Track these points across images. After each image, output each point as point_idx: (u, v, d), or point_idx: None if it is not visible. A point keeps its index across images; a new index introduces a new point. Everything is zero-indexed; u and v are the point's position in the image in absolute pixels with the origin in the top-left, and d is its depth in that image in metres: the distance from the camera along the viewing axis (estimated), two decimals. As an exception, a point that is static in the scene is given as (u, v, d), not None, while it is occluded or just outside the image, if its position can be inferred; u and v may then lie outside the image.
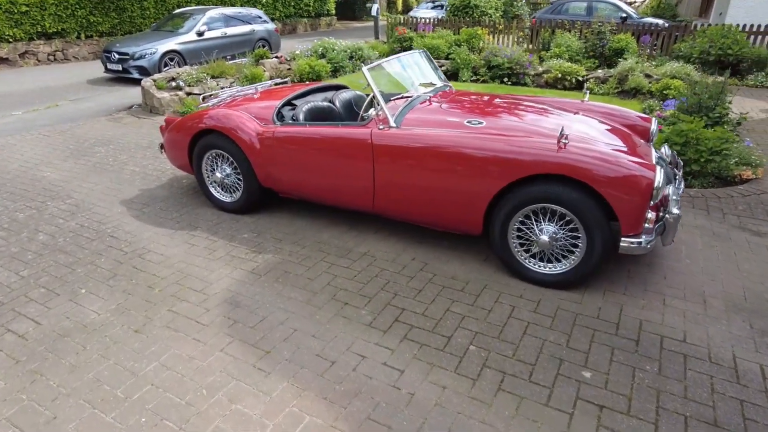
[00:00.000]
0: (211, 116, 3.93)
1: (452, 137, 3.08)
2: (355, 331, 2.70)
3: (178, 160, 4.31)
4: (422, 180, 3.18)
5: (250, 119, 3.85)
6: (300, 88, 4.38)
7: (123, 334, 2.69)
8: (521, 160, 2.84)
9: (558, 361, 2.49)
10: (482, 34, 12.36)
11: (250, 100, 4.22)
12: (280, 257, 3.46)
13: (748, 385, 2.34)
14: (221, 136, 3.91)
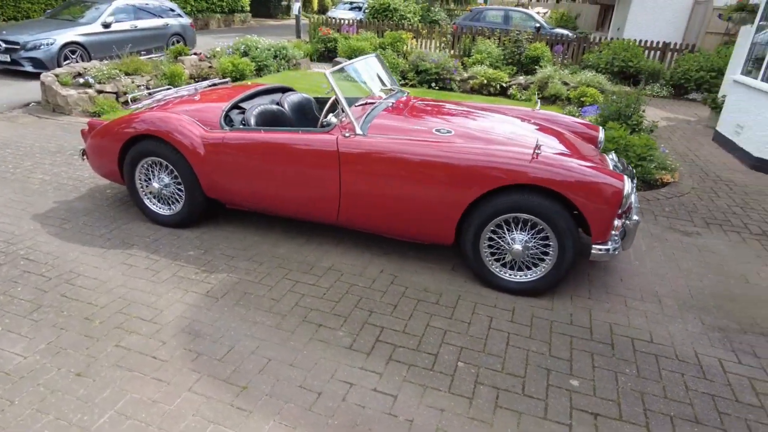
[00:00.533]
0: (147, 120, 3.51)
1: (427, 146, 2.99)
2: (336, 356, 2.51)
3: (105, 169, 3.81)
4: (394, 190, 3.06)
5: (192, 123, 3.49)
6: (245, 90, 4.06)
7: (62, 380, 2.27)
8: (498, 170, 2.83)
9: (545, 371, 2.49)
10: (406, 38, 12.50)
11: (189, 101, 3.83)
12: (236, 276, 3.15)
13: (713, 379, 2.50)
14: (159, 142, 3.50)
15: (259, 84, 4.41)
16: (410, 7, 17.48)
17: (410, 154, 2.99)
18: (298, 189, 3.30)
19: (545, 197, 2.84)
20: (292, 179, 3.28)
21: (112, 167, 3.74)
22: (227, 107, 3.62)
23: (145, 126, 3.50)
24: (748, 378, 2.53)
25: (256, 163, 3.32)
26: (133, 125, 3.54)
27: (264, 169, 3.32)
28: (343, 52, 11.85)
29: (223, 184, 3.48)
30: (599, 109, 7.52)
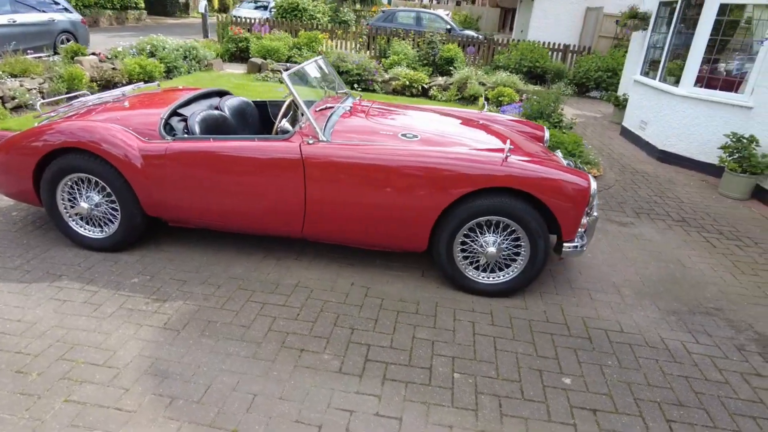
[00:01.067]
0: (68, 131, 3.03)
1: (400, 151, 2.89)
2: (328, 382, 2.33)
3: (15, 189, 3.24)
4: (365, 198, 2.92)
5: (125, 133, 3.07)
6: (179, 94, 3.67)
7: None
8: (473, 173, 2.80)
9: (537, 372, 2.51)
10: (322, 39, 12.29)
11: (116, 108, 3.38)
12: (193, 303, 2.83)
13: (682, 362, 2.68)
14: (87, 156, 3.04)
15: (192, 88, 4.03)
16: (319, 7, 17.25)
17: (383, 160, 2.87)
18: (257, 201, 3.03)
19: (516, 199, 2.86)
20: (250, 191, 3.01)
21: (24, 187, 3.19)
22: (166, 114, 3.24)
23: (65, 138, 3.02)
24: (708, 357, 2.74)
25: (208, 175, 3.01)
26: (50, 137, 3.04)
27: (217, 182, 3.01)
28: (256, 53, 11.35)
29: (168, 200, 3.11)
30: (521, 108, 7.92)
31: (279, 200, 3.00)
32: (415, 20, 14.50)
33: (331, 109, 3.37)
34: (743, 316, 3.14)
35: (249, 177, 2.98)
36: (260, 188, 2.99)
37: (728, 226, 4.55)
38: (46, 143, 3.04)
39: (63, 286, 2.89)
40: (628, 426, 2.21)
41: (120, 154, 3.00)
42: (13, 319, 2.58)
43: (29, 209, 3.80)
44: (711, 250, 4.04)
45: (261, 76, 9.89)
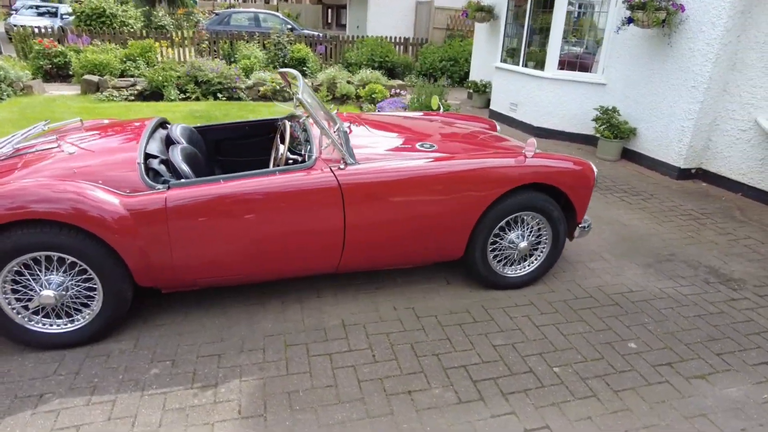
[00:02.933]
0: (20, 196, 2.22)
1: (437, 163, 2.81)
2: (459, 416, 2.21)
3: None
4: (406, 215, 2.78)
5: (98, 189, 2.39)
6: (129, 129, 2.97)
7: None
8: (507, 175, 2.88)
9: (608, 345, 2.74)
10: (156, 48, 10.92)
11: (63, 159, 2.56)
12: (253, 378, 2.38)
13: (686, 303, 3.20)
14: (49, 228, 2.28)
15: (126, 122, 3.28)
16: (130, 12, 15.25)
17: (424, 174, 2.76)
18: (289, 242, 2.65)
19: (538, 192, 3.04)
20: (281, 232, 2.62)
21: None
22: (141, 157, 2.59)
23: (17, 206, 2.21)
24: (695, 295, 3.31)
25: (225, 222, 2.52)
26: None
27: (238, 229, 2.54)
28: (81, 68, 9.59)
29: (174, 263, 2.51)
30: (400, 103, 8.24)
31: (315, 235, 2.67)
32: (253, 21, 13.79)
33: (334, 128, 3.09)
34: (689, 256, 3.85)
35: (278, 216, 2.58)
36: (292, 227, 2.62)
37: (623, 184, 5.47)
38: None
39: (58, 409, 2.15)
40: (699, 368, 2.58)
41: (100, 217, 2.32)
42: (31, 473, 1.86)
43: None
44: (628, 207, 4.83)
45: (104, 96, 8.39)
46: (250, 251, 2.61)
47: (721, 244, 4.08)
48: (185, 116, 7.42)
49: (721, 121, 5.34)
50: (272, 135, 3.88)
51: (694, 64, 5.26)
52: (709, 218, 4.60)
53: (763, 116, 4.88)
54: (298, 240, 2.66)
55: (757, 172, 5.02)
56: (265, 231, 2.59)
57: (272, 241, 2.62)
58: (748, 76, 5.03)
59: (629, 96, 6.24)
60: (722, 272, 3.62)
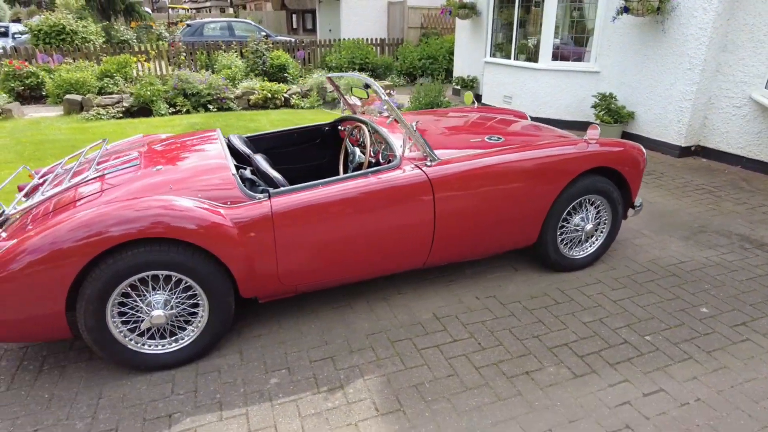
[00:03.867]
0: (134, 215, 2.18)
1: (515, 154, 2.94)
2: (581, 389, 2.33)
3: (25, 323, 2.18)
4: (490, 207, 2.89)
5: (204, 204, 2.38)
6: (196, 141, 2.94)
7: None
8: (577, 160, 3.03)
9: (684, 312, 2.93)
10: (133, 62, 10.60)
11: (150, 175, 2.52)
12: (374, 376, 2.42)
13: (735, 269, 3.44)
14: (159, 246, 2.25)
15: (191, 134, 3.24)
16: (90, 27, 14.72)
17: (506, 166, 2.87)
18: (386, 240, 2.71)
19: (598, 175, 3.20)
20: (378, 232, 2.67)
21: (47, 314, 2.18)
22: (232, 168, 2.58)
23: (140, 225, 2.17)
24: (738, 261, 3.56)
25: (328, 226, 2.55)
26: (109, 228, 2.14)
27: (338, 232, 2.58)
28: (57, 88, 9.22)
29: (280, 270, 2.53)
30: (396, 103, 8.33)
31: (408, 232, 2.74)
32: (227, 30, 13.55)
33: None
34: (718, 227, 4.12)
35: (375, 217, 2.63)
36: (388, 225, 2.68)
37: (632, 165, 5.74)
38: (104, 237, 2.13)
39: (193, 427, 2.14)
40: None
41: (212, 231, 2.31)
42: (200, 490, 1.84)
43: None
44: (645, 186, 5.09)
45: (90, 116, 8.09)
46: (349, 252, 2.65)
47: (741, 213, 4.38)
48: (186, 130, 7.27)
49: (716, 99, 5.70)
50: (318, 141, 3.91)
51: (689, 48, 5.60)
52: (722, 191, 4.92)
53: (757, 92, 5.25)
54: (393, 238, 2.72)
55: (755, 144, 5.40)
56: (363, 231, 2.64)
57: (370, 241, 2.67)
58: (740, 56, 5.40)
59: (624, 82, 6.56)
60: (754, 238, 3.90)
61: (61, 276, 2.13)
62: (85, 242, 2.11)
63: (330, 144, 3.92)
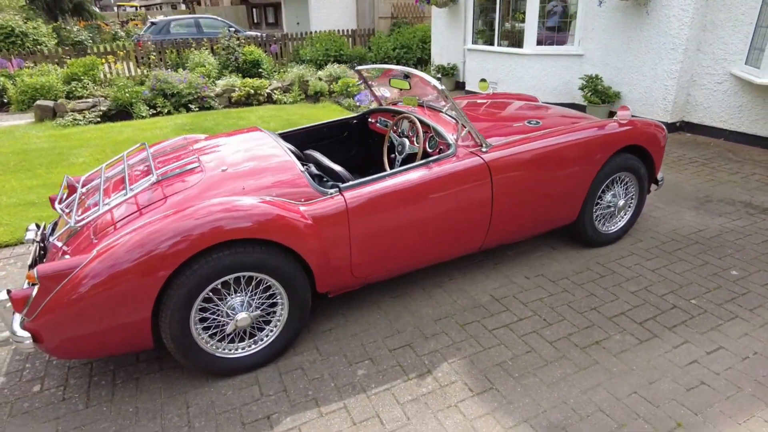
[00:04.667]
0: (218, 219, 2.16)
1: (560, 136, 3.06)
2: (649, 352, 2.49)
3: (108, 334, 2.13)
4: (539, 188, 3.01)
5: (282, 203, 2.37)
6: (242, 140, 2.91)
7: None
8: (613, 140, 3.18)
9: (717, 276, 3.15)
10: (100, 64, 10.14)
11: (222, 179, 2.47)
12: (457, 359, 2.50)
13: (749, 233, 3.70)
14: (243, 248, 2.24)
15: (232, 133, 3.19)
16: (41, 29, 13.96)
17: (553, 148, 3.00)
18: (448, 226, 2.78)
19: (627, 153, 3.37)
20: (442, 218, 2.74)
21: (133, 324, 2.14)
22: (299, 165, 2.58)
23: (250, 223, 2.19)
24: (748, 225, 3.83)
25: (397, 216, 2.60)
26: (200, 232, 2.11)
27: (405, 221, 2.63)
28: (21, 94, 8.75)
29: (351, 263, 2.56)
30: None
31: (468, 217, 2.82)
32: (194, 27, 13.11)
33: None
34: (721, 196, 4.41)
35: (439, 204, 2.70)
36: (451, 212, 2.75)
37: (625, 142, 6.02)
38: (193, 241, 2.10)
39: (296, 425, 2.17)
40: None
41: (295, 229, 2.32)
42: (329, 482, 1.88)
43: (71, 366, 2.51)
44: (642, 161, 5.35)
45: (66, 122, 7.71)
46: (416, 240, 2.71)
47: (737, 182, 4.70)
48: (176, 132, 7.06)
49: (698, 77, 6.04)
50: (346, 134, 3.92)
51: (672, 29, 5.90)
52: (714, 162, 5.24)
53: (737, 68, 5.60)
54: (456, 223, 2.80)
55: (736, 117, 5.76)
56: (429, 219, 2.70)
57: (435, 228, 2.74)
58: (719, 35, 5.73)
59: (609, 63, 6.83)
60: (756, 204, 4.20)
61: (150, 283, 2.09)
62: (175, 247, 2.08)
63: (357, 137, 3.94)
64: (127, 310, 2.10)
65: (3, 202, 4.67)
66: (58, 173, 5.46)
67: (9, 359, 2.68)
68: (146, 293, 2.10)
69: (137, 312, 2.12)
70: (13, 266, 3.67)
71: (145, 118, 8.15)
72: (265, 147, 2.82)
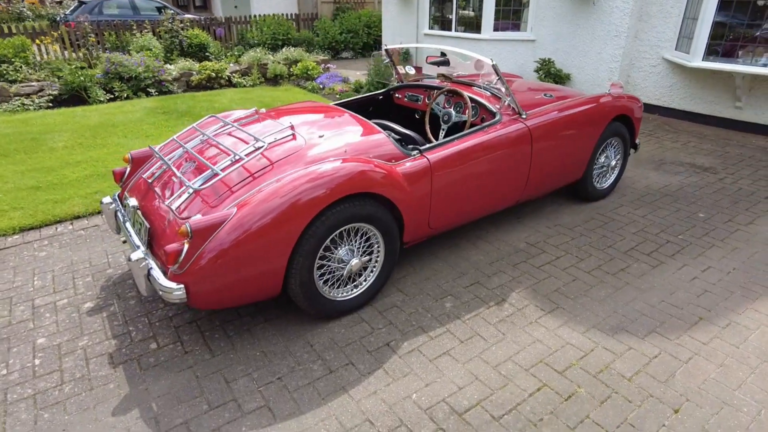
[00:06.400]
0: (348, 175, 2.48)
1: (579, 105, 3.67)
2: (666, 271, 3.17)
3: (252, 281, 2.39)
4: (565, 150, 3.60)
5: (384, 164, 2.73)
6: (317, 111, 3.19)
7: None
8: (612, 109, 3.85)
9: (691, 217, 3.95)
10: (29, 45, 9.36)
11: (315, 143, 2.74)
12: (523, 289, 3.02)
13: (702, 186, 4.59)
14: (364, 201, 2.58)
15: (299, 105, 3.44)
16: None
17: (573, 114, 3.59)
18: (501, 182, 3.29)
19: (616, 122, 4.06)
20: (496, 175, 3.24)
21: (270, 272, 2.41)
22: (383, 131, 2.93)
23: (353, 182, 2.53)
24: (700, 180, 4.74)
25: (464, 174, 3.05)
26: (333, 185, 2.44)
27: (470, 177, 3.09)
28: (-51, 77, 7.93)
29: (432, 215, 2.98)
30: (341, 77, 8.73)
31: (514, 173, 3.34)
32: (129, 9, 12.34)
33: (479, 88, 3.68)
34: (671, 159, 5.33)
35: (494, 163, 3.19)
36: (502, 169, 3.25)
37: (580, 118, 6.87)
38: (328, 192, 2.41)
39: (415, 348, 2.57)
40: (753, 213, 3.93)
41: (398, 185, 2.70)
42: (466, 381, 2.31)
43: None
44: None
45: (14, 107, 7.17)
46: (476, 195, 3.18)
47: (679, 148, 5.67)
48: (146, 116, 6.88)
49: (636, 60, 7.03)
50: (371, 110, 4.26)
51: (615, 18, 6.81)
52: (656, 133, 6.22)
53: (668, 53, 6.62)
54: (504, 179, 3.30)
55: (667, 96, 6.82)
56: (486, 176, 3.18)
57: (490, 183, 3.23)
58: (652, 24, 6.72)
59: (559, 48, 7.68)
60: (699, 165, 5.15)
61: (291, 233, 2.37)
62: (317, 196, 2.38)
63: (381, 111, 4.29)
64: (269, 258, 2.37)
65: (3, 188, 4.46)
66: (41, 158, 5.23)
67: (109, 324, 2.79)
68: (287, 242, 2.38)
69: (277, 260, 2.39)
70: (50, 247, 3.63)
71: (103, 102, 7.78)
72: (341, 117, 3.12)
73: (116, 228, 3.04)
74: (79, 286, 3.16)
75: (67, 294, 3.09)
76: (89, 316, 2.88)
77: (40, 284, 3.19)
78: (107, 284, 3.18)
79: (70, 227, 3.92)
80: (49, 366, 2.50)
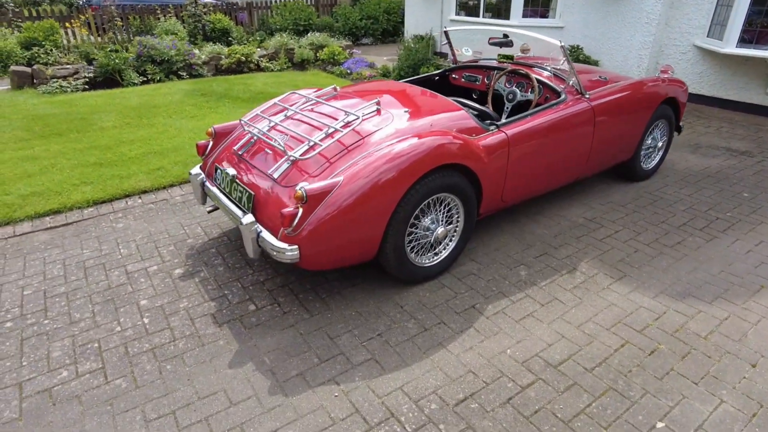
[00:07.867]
0: (441, 147, 2.65)
1: (637, 87, 3.84)
2: (718, 244, 3.35)
3: (355, 247, 2.57)
4: (622, 128, 3.76)
5: (467, 138, 2.89)
6: (392, 90, 3.33)
7: (761, 372, 2.30)
8: (664, 93, 3.99)
9: (735, 197, 4.12)
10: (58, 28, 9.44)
11: (410, 116, 2.92)
12: (589, 260, 3.19)
13: (742, 168, 4.76)
14: (450, 172, 2.75)
15: (374, 82, 3.59)
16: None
17: (629, 96, 3.74)
18: (568, 157, 3.46)
19: (664, 105, 4.21)
20: (565, 150, 3.41)
21: (369, 237, 2.59)
22: (465, 107, 3.09)
23: (448, 153, 2.71)
24: (739, 163, 4.90)
25: (536, 148, 3.22)
26: (437, 153, 2.63)
27: (541, 152, 3.26)
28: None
29: (507, 187, 3.15)
30: (366, 62, 8.85)
31: (579, 151, 3.51)
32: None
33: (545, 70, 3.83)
34: (706, 143, 5.47)
35: (564, 138, 3.36)
36: (570, 145, 3.42)
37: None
38: (423, 161, 2.58)
39: (499, 310, 2.76)
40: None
41: (481, 157, 2.86)
42: (555, 338, 2.50)
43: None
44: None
45: (53, 88, 7.28)
46: (546, 169, 3.36)
47: (712, 133, 5.82)
48: (187, 98, 7.00)
49: (665, 48, 7.15)
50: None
51: (647, 5, 6.91)
52: (688, 119, 6.37)
53: (699, 40, 6.75)
54: (570, 155, 3.47)
55: (697, 82, 6.96)
56: (555, 152, 3.35)
57: (557, 159, 3.39)
58: (684, 11, 6.83)
59: (588, 35, 7.79)
60: (734, 149, 5.31)
61: (393, 198, 2.54)
62: (411, 166, 2.54)
63: (438, 92, 4.44)
64: (372, 223, 2.54)
65: (65, 164, 4.61)
66: (94, 137, 5.37)
67: (203, 288, 2.96)
68: (387, 208, 2.55)
69: (378, 225, 2.56)
70: (124, 219, 3.80)
71: (137, 85, 7.89)
72: (420, 94, 3.27)
73: (202, 198, 3.20)
74: (164, 255, 3.33)
75: (155, 261, 3.26)
76: (182, 281, 3.05)
77: (126, 252, 3.36)
78: (191, 252, 3.35)
79: (139, 201, 4.08)
80: (158, 324, 2.68)
